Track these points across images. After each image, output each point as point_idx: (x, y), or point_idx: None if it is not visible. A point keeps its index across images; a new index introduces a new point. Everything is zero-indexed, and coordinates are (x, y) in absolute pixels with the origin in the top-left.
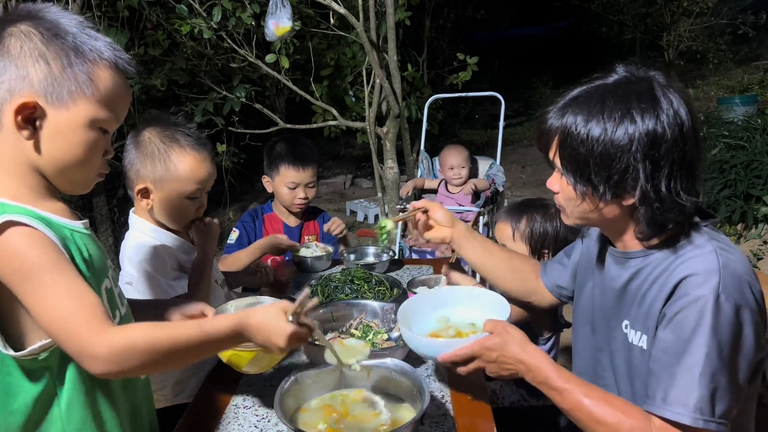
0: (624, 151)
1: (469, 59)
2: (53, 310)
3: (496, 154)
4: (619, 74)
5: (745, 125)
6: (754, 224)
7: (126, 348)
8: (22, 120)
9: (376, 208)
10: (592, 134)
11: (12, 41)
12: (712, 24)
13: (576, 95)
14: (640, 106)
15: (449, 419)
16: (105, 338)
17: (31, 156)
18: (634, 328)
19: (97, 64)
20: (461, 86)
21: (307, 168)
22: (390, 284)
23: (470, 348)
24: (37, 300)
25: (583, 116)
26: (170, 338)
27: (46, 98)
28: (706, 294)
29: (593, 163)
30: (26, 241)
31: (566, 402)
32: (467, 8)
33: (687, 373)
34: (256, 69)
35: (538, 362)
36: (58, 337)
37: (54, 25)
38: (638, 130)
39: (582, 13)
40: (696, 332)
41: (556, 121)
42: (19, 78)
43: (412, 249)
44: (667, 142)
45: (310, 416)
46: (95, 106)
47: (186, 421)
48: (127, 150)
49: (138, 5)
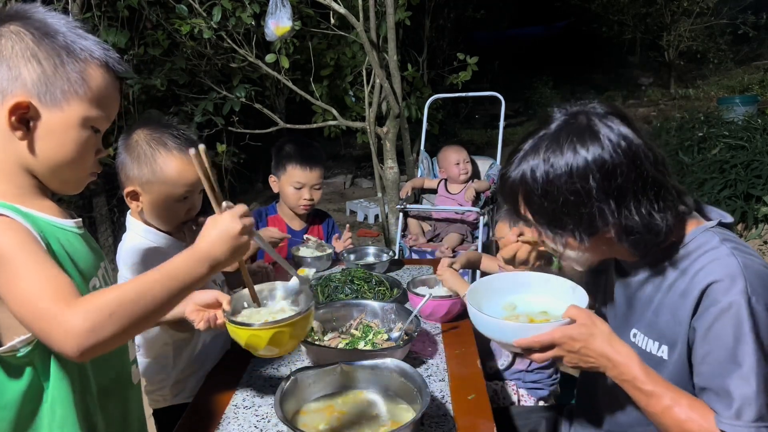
0: (583, 192)
1: (469, 59)
2: (23, 292)
3: (497, 154)
4: (557, 118)
5: (745, 125)
6: (755, 224)
7: (96, 309)
8: (16, 120)
9: (376, 208)
10: (549, 183)
11: (2, 42)
12: (712, 24)
13: (527, 149)
14: (581, 141)
15: (449, 419)
16: (74, 309)
17: (23, 156)
18: (649, 336)
19: (89, 63)
20: (461, 86)
21: (315, 169)
22: (390, 284)
23: (551, 335)
24: (7, 285)
25: (537, 165)
26: (135, 287)
27: (39, 98)
28: (737, 299)
29: (560, 212)
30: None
31: (652, 406)
32: (467, 8)
33: (744, 385)
34: (256, 69)
35: (627, 360)
36: (29, 318)
37: (43, 25)
38: (588, 165)
39: (582, 13)
40: (739, 341)
41: (515, 175)
42: (12, 78)
43: (412, 249)
44: (621, 167)
45: (310, 416)
46: (87, 105)
47: (186, 421)
48: (118, 151)
49: (138, 5)
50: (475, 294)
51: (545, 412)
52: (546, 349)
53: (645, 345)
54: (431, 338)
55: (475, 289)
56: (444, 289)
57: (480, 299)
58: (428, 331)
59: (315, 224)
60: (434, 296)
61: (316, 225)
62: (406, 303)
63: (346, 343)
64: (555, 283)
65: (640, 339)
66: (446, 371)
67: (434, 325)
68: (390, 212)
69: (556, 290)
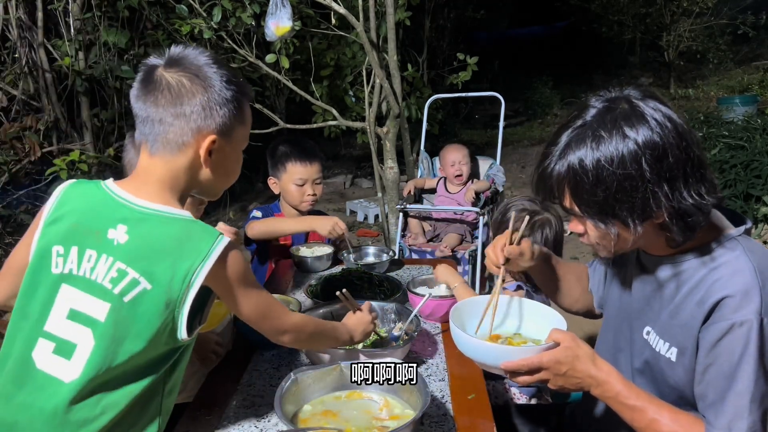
0: (636, 176)
1: (469, 59)
2: None
3: (496, 154)
4: (595, 106)
5: (745, 125)
6: (755, 224)
7: (298, 331)
8: (208, 153)
9: (376, 208)
10: (600, 171)
11: (195, 87)
12: (712, 24)
13: (567, 140)
14: (629, 125)
15: (449, 419)
16: None
17: (201, 177)
18: (662, 337)
19: (243, 100)
20: (461, 86)
21: (314, 162)
22: (390, 284)
23: (539, 358)
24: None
25: (585, 155)
26: (317, 326)
27: (222, 135)
28: (749, 318)
29: (613, 199)
30: (243, 257)
31: (637, 420)
32: (467, 8)
33: (738, 400)
34: (256, 69)
35: (609, 378)
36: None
37: (210, 76)
38: (639, 148)
39: (582, 13)
40: (743, 359)
41: (560, 168)
42: (207, 118)
43: (412, 249)
44: (672, 149)
45: (310, 416)
46: (245, 128)
47: (186, 421)
48: (126, 149)
49: (138, 5)
50: (457, 315)
51: (545, 411)
52: (533, 372)
53: (656, 345)
54: (431, 338)
55: (457, 310)
56: (444, 289)
57: (463, 320)
58: (428, 331)
59: None
60: (434, 296)
61: None
62: (406, 303)
63: None
64: (532, 307)
65: (653, 338)
66: (446, 371)
67: (434, 325)
68: (390, 212)
69: (527, 313)
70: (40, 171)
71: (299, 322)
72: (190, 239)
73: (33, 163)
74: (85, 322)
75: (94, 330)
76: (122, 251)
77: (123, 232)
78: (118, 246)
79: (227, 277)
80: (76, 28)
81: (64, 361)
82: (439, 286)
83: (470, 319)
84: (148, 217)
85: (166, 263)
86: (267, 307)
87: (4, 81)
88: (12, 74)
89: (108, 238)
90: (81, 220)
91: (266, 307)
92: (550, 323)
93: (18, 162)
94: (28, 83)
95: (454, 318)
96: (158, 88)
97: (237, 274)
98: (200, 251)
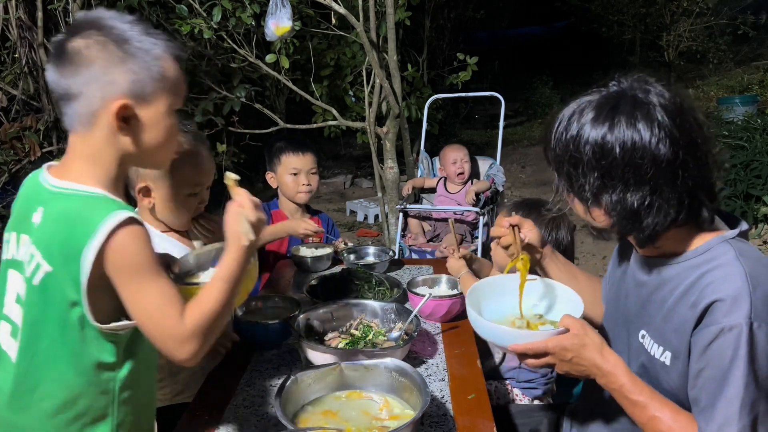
0: (575, 157)
1: (469, 59)
2: (149, 306)
3: (496, 154)
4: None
5: (745, 125)
6: (754, 224)
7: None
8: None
9: (376, 208)
10: (557, 135)
11: (93, 51)
12: (712, 24)
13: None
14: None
15: (449, 419)
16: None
17: (123, 148)
18: (655, 341)
19: (164, 58)
20: (461, 86)
21: (307, 153)
22: (390, 284)
23: (545, 344)
24: (136, 295)
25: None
26: (214, 297)
27: (135, 99)
28: (739, 323)
29: (560, 167)
30: (142, 240)
31: (637, 415)
32: (467, 8)
33: (728, 406)
34: (256, 69)
35: (615, 370)
36: (151, 331)
37: (120, 31)
38: (589, 139)
39: (582, 13)
40: (733, 364)
41: (555, 116)
42: (108, 83)
43: (412, 249)
44: (615, 157)
45: (310, 416)
46: (169, 95)
47: (186, 421)
48: None
49: (138, 5)
50: (474, 294)
51: (546, 411)
52: (540, 356)
53: (650, 348)
54: (431, 338)
55: (475, 290)
56: (444, 288)
57: (479, 299)
58: (428, 331)
59: (313, 217)
60: (434, 296)
61: (315, 218)
62: (406, 303)
63: (346, 343)
64: (558, 290)
65: (648, 342)
66: (446, 371)
67: (434, 325)
68: (390, 212)
69: (554, 295)
70: None
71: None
72: (81, 215)
73: (33, 163)
74: (21, 305)
75: (24, 314)
76: (35, 233)
77: (40, 215)
78: (35, 228)
79: (111, 261)
80: None
81: (15, 344)
82: (439, 286)
83: (487, 299)
84: (57, 197)
85: (60, 242)
86: (161, 309)
87: (4, 81)
88: (12, 74)
89: (32, 222)
90: (20, 207)
91: (160, 309)
92: (568, 308)
93: (18, 162)
94: (28, 83)
95: (471, 298)
96: (62, 59)
97: (124, 258)
98: (90, 227)
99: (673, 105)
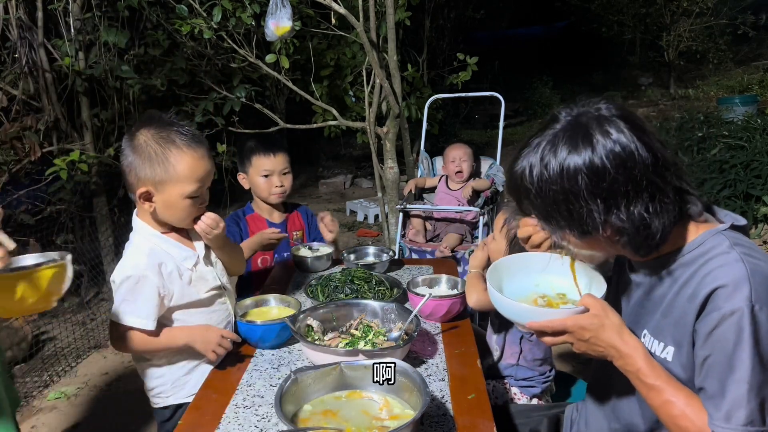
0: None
1: (469, 59)
2: None
3: (496, 154)
4: (562, 118)
5: (745, 125)
6: (754, 224)
7: None
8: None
9: (376, 208)
10: (542, 183)
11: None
12: (712, 24)
13: (532, 145)
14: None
15: (449, 419)
16: None
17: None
18: (657, 338)
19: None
20: (461, 86)
21: (278, 154)
22: (390, 284)
23: (563, 322)
24: None
25: (533, 165)
26: None
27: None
28: (740, 306)
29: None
30: None
31: (652, 398)
32: (467, 8)
33: (736, 390)
34: (256, 69)
35: (633, 352)
36: None
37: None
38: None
39: (582, 13)
40: (738, 347)
41: (515, 170)
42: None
43: (412, 249)
44: (610, 171)
45: (310, 416)
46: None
47: (186, 421)
48: (124, 153)
49: (138, 5)
50: (496, 271)
51: (546, 411)
52: (557, 334)
53: (652, 346)
54: (431, 338)
55: (497, 267)
56: (444, 288)
57: (501, 276)
58: (428, 331)
59: (292, 212)
60: (434, 296)
61: (294, 212)
62: (406, 303)
63: (346, 343)
64: (577, 267)
65: (648, 340)
66: (446, 371)
67: (434, 325)
68: (390, 212)
69: (577, 275)
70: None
71: None
72: None
73: (33, 163)
74: None
75: None
76: None
77: None
78: None
79: None
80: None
81: None
82: (439, 286)
83: (509, 277)
84: None
85: None
86: None
87: (4, 81)
88: (12, 74)
89: None
90: None
91: None
92: (591, 287)
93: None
94: (28, 83)
95: (492, 275)
96: None
97: None
98: None
99: (623, 113)
